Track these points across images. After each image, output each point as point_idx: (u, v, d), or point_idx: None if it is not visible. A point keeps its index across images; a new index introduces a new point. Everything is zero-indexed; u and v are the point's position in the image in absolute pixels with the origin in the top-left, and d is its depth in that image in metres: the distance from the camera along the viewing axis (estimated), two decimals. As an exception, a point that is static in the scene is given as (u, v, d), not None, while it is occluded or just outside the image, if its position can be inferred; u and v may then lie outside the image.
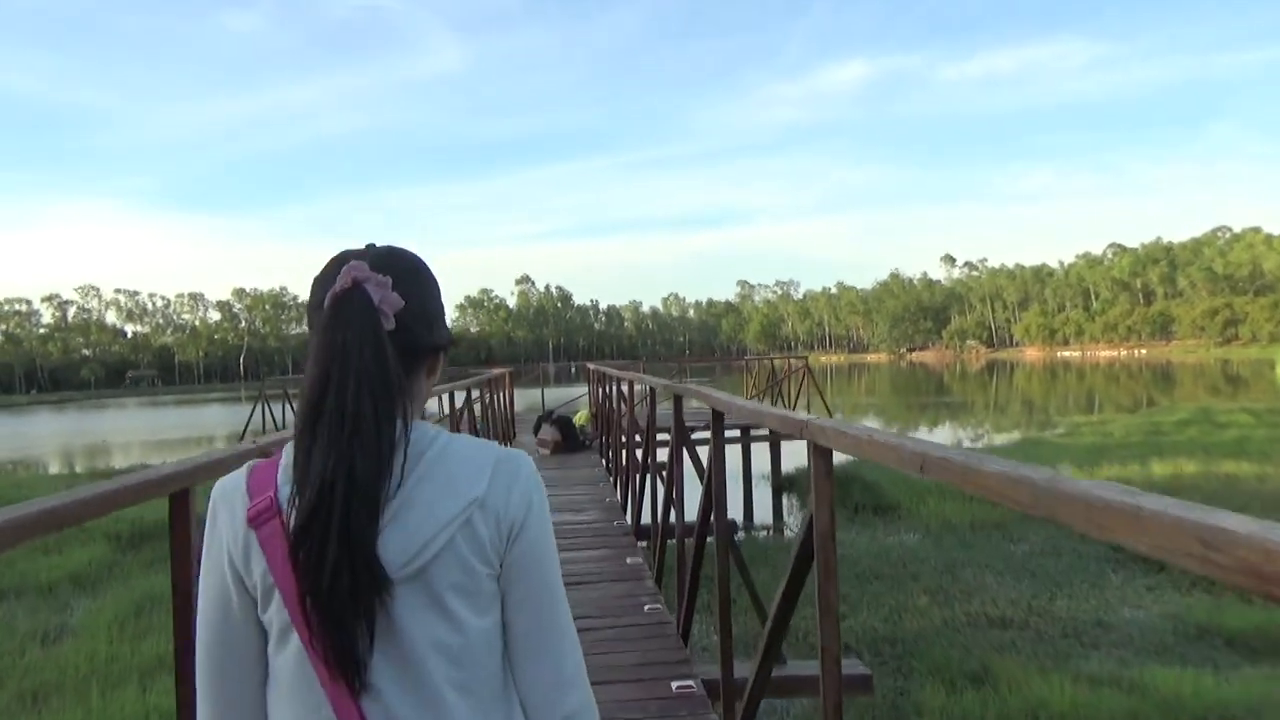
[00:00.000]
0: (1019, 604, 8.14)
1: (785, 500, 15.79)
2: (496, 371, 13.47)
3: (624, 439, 8.95)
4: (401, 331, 1.09)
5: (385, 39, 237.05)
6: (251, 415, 16.09)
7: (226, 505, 1.10)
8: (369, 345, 1.05)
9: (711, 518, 4.13)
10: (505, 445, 1.32)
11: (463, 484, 1.08)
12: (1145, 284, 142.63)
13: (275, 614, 1.06)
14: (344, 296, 1.07)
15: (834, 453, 2.46)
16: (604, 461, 11.48)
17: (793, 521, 14.49)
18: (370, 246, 1.16)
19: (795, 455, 16.33)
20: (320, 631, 1.01)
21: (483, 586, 1.08)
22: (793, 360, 17.63)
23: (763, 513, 15.47)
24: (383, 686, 1.04)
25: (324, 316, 1.07)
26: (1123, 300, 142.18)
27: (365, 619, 1.01)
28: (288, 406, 17.25)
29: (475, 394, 10.51)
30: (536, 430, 12.43)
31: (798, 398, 16.40)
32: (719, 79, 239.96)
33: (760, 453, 16.85)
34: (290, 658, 1.06)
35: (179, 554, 2.16)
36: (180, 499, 2.16)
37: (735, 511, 15.20)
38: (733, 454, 16.36)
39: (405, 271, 1.13)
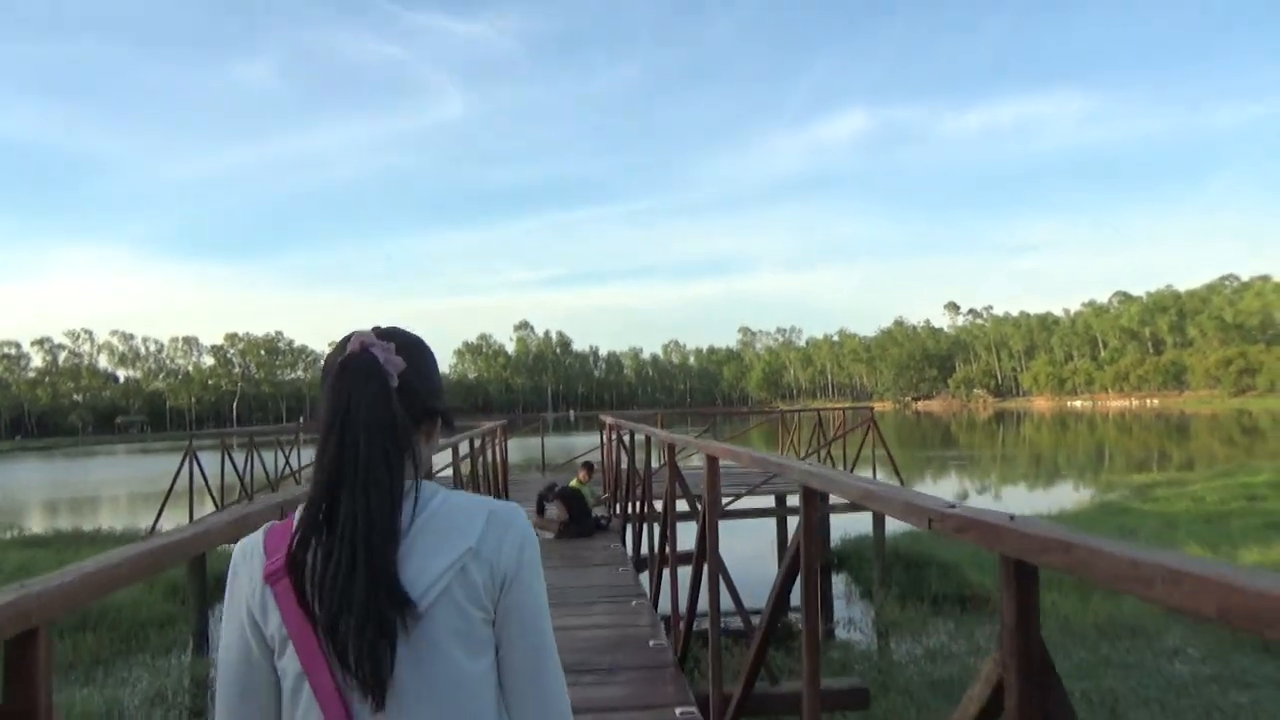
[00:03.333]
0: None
1: (836, 581, 13.08)
2: (487, 425, 10.94)
3: (663, 522, 6.34)
4: (403, 392, 1.23)
5: (391, 89, 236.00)
6: (178, 474, 13.36)
7: (246, 563, 1.23)
8: (377, 399, 1.19)
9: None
10: None
11: (458, 535, 1.19)
12: (1154, 333, 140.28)
13: (289, 662, 1.17)
14: (353, 359, 1.21)
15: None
16: (628, 551, 8.72)
17: (843, 609, 11.80)
18: (376, 328, 1.30)
19: (848, 525, 13.67)
20: (346, 656, 1.12)
21: (477, 631, 1.19)
22: (849, 411, 14.97)
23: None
24: None
25: (335, 376, 1.21)
26: (1132, 349, 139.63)
27: (389, 640, 1.12)
28: (228, 460, 14.58)
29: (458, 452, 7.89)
30: (540, 509, 9.71)
31: (858, 458, 13.70)
32: (721, 130, 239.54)
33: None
34: (303, 705, 1.16)
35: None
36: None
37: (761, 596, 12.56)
38: (767, 527, 13.75)
39: (407, 342, 1.30)
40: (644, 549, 7.52)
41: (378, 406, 1.18)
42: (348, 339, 1.25)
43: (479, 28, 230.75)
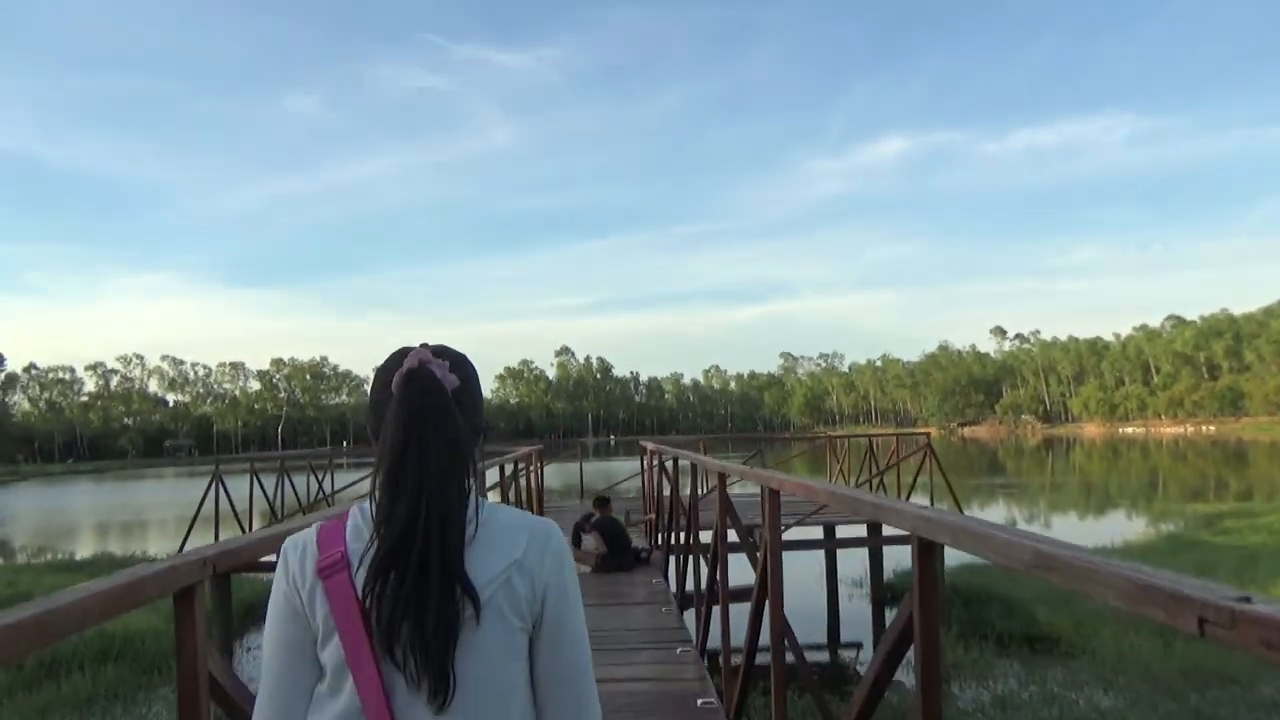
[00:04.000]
0: None
1: (890, 616, 12.38)
2: (524, 449, 10.46)
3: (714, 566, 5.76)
4: (457, 407, 1.31)
5: (437, 119, 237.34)
6: (204, 499, 13.07)
7: (297, 555, 1.30)
8: (445, 412, 1.27)
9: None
10: None
11: (505, 547, 1.27)
12: (1209, 357, 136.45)
13: (332, 653, 1.24)
14: (413, 374, 1.29)
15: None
16: (671, 587, 8.02)
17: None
18: (424, 345, 1.37)
19: (899, 558, 13.01)
20: (402, 656, 1.19)
21: (515, 639, 1.26)
22: (901, 438, 14.18)
23: (856, 630, 12.16)
24: None
25: (399, 390, 1.28)
26: (1186, 374, 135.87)
27: (453, 642, 1.19)
28: (256, 485, 14.29)
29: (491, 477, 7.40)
30: (576, 540, 9.16)
31: (913, 487, 12.96)
32: (761, 156, 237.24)
33: (849, 559, 13.48)
34: (345, 697, 1.22)
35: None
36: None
37: (816, 631, 11.92)
38: (813, 559, 13.11)
39: (457, 360, 1.38)
40: (689, 584, 6.94)
41: (447, 419, 1.26)
42: (403, 354, 1.32)
43: (523, 59, 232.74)
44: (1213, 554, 13.69)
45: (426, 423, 1.24)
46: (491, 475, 9.70)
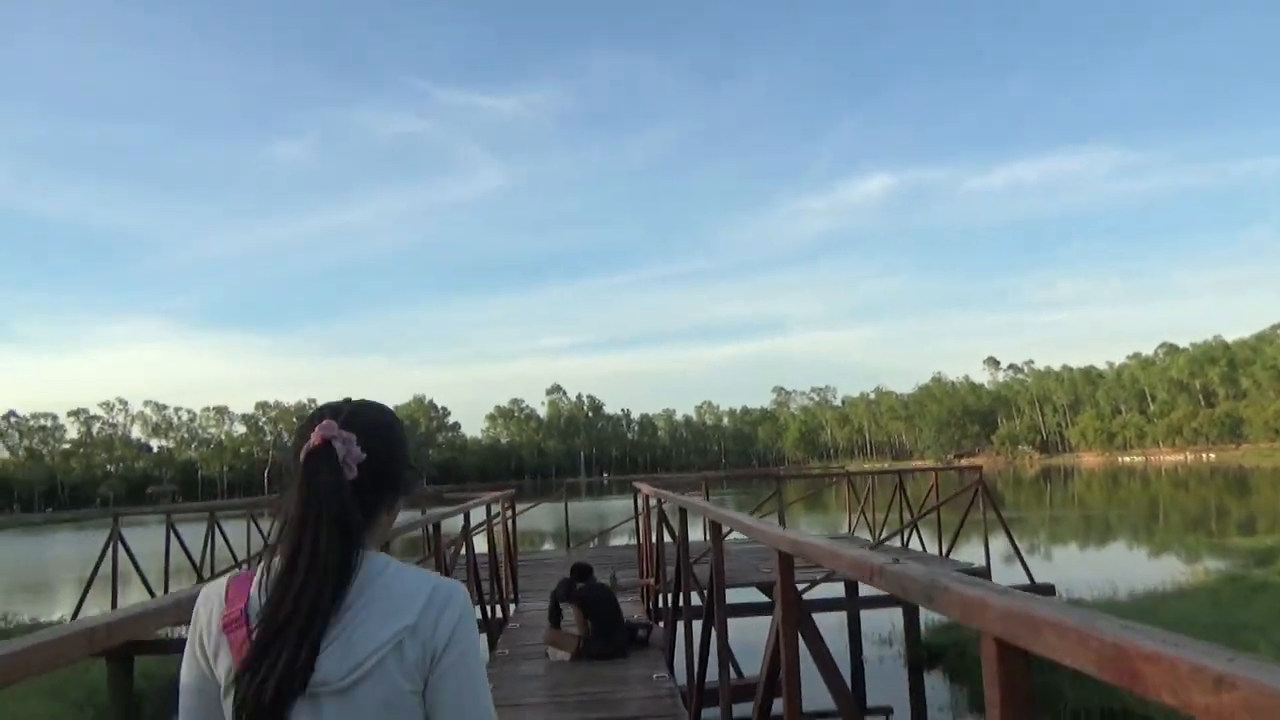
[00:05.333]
0: None
1: (930, 682, 10.63)
2: (488, 495, 8.72)
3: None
4: (362, 481, 1.31)
5: (423, 163, 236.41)
6: (102, 558, 11.54)
7: (206, 608, 1.30)
8: (332, 496, 1.27)
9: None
10: (507, 608, 3.56)
11: (399, 611, 1.24)
12: (1205, 384, 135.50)
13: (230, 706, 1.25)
14: (314, 453, 1.29)
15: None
16: (676, 680, 6.08)
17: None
18: (346, 401, 1.41)
19: (932, 615, 11.22)
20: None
21: (406, 703, 1.22)
22: (939, 471, 12.21)
23: (884, 694, 10.44)
24: None
25: (301, 469, 1.29)
26: (1182, 401, 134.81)
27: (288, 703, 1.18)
28: (173, 538, 12.74)
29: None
30: (554, 615, 7.23)
31: (957, 536, 10.96)
32: (748, 194, 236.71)
33: (874, 617, 11.67)
34: None
35: None
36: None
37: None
38: (834, 620, 11.34)
39: (369, 427, 1.36)
40: (710, 673, 5.12)
41: (335, 505, 1.25)
42: (314, 422, 1.33)
43: (509, 102, 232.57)
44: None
45: (318, 507, 1.25)
46: (454, 523, 7.97)
